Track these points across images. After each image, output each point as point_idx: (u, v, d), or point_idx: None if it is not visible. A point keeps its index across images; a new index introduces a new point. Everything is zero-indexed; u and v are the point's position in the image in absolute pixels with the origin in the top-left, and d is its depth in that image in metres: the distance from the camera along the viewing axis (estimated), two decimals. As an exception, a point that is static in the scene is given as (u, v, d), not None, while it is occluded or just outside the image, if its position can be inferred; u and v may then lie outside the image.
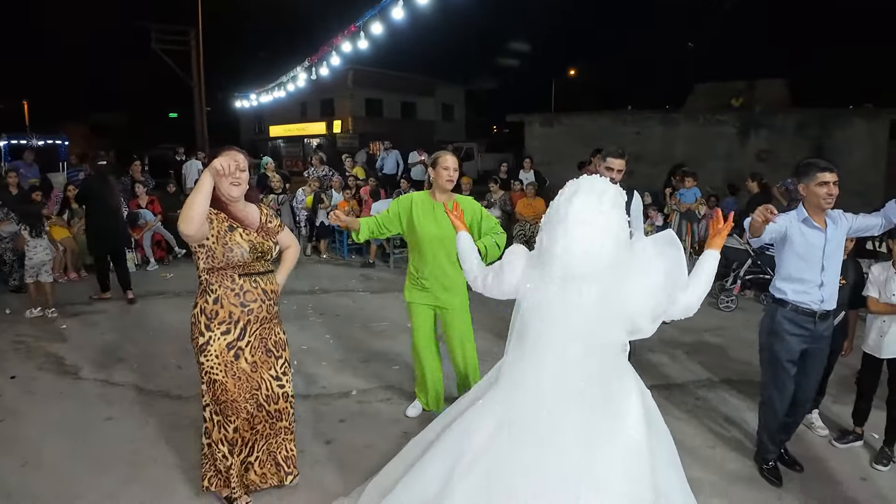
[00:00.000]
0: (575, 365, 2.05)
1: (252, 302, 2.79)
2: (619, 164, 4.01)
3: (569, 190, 2.06)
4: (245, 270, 2.78)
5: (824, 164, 3.12)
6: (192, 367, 4.67)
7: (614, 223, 1.99)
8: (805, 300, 3.18)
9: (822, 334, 3.24)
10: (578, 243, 1.95)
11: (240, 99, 21.99)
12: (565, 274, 2.01)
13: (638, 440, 2.06)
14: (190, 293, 6.91)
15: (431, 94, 36.55)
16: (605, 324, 2.03)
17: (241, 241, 2.72)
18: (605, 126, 15.96)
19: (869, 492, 3.27)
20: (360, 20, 9.51)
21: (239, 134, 38.06)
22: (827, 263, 3.15)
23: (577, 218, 1.97)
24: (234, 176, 2.63)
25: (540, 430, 2.05)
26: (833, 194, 3.07)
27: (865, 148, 13.07)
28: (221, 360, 2.75)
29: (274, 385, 2.92)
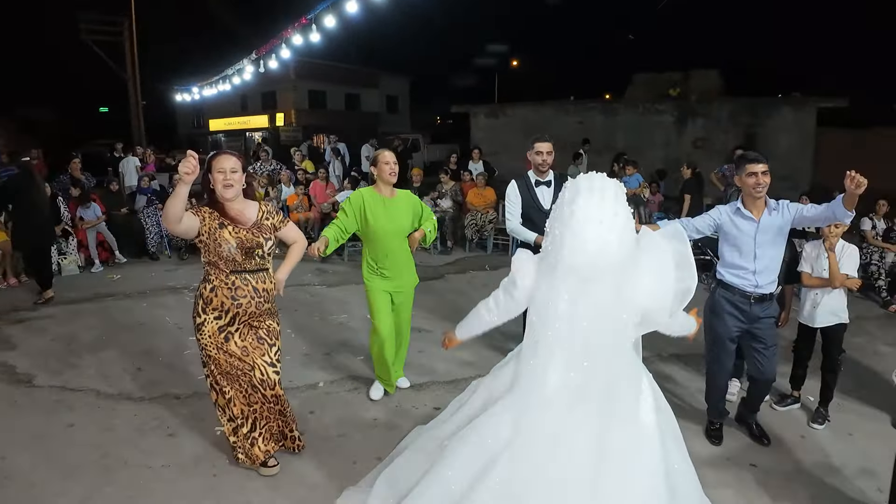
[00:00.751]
0: (590, 363, 2.10)
1: (242, 297, 2.99)
2: (546, 147, 4.20)
3: (569, 192, 2.09)
4: (235, 268, 2.96)
5: (752, 156, 3.35)
6: (152, 369, 4.65)
7: (620, 218, 2.03)
8: (740, 284, 3.40)
9: (759, 315, 3.42)
10: (586, 244, 1.99)
11: (180, 92, 21.26)
12: (576, 274, 2.03)
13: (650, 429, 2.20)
14: (140, 294, 6.80)
15: (376, 86, 36.26)
16: (619, 320, 2.08)
17: (228, 238, 2.90)
18: (548, 116, 16.31)
19: (807, 448, 3.60)
20: (313, 12, 9.39)
21: (176, 129, 36.81)
22: (760, 251, 3.32)
23: (582, 218, 2.00)
24: (225, 179, 2.88)
25: (557, 431, 2.11)
26: (762, 183, 3.27)
27: (794, 134, 13.84)
28: (213, 340, 3.03)
29: (269, 371, 3.08)
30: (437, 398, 4.16)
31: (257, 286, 3.01)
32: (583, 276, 2.02)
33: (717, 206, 3.58)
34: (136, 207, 9.05)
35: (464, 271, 7.97)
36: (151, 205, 9.00)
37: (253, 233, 2.97)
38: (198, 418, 3.84)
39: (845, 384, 4.13)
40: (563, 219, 2.06)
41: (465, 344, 5.13)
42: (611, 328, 2.09)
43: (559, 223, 2.08)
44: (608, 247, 1.99)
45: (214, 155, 2.99)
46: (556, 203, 2.16)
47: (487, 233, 9.26)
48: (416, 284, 4.13)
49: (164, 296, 6.78)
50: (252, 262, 2.99)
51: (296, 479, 3.18)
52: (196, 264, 8.28)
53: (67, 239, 7.86)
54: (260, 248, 2.98)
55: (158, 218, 8.86)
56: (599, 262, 2.00)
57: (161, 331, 5.57)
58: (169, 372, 4.60)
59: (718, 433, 3.66)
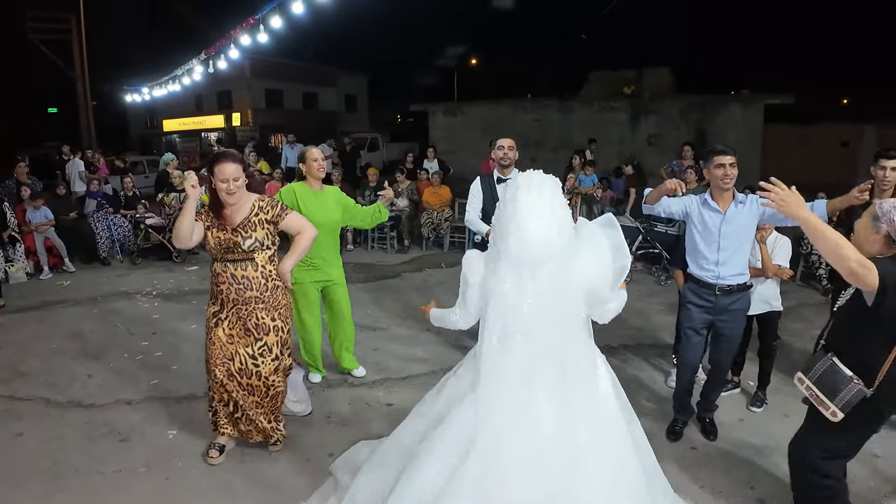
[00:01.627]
0: (545, 346, 2.24)
1: (222, 283, 3.15)
2: (508, 143, 4.37)
3: (510, 190, 2.24)
4: (219, 257, 3.17)
5: (721, 149, 3.39)
6: (102, 375, 4.59)
7: (558, 210, 2.20)
8: (703, 275, 3.46)
9: (727, 308, 3.44)
10: (529, 235, 2.14)
11: (130, 93, 20.72)
12: (521, 264, 2.18)
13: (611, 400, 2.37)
14: (91, 300, 6.67)
15: (334, 85, 35.97)
16: (564, 301, 2.25)
17: (209, 238, 3.14)
18: (505, 114, 16.50)
19: (746, 430, 3.78)
20: (260, 13, 9.31)
21: (128, 130, 35.84)
22: (724, 243, 3.38)
23: (524, 213, 2.16)
24: (228, 188, 3.03)
25: (524, 414, 2.22)
26: (729, 175, 3.33)
27: (742, 130, 14.34)
28: (208, 324, 3.25)
29: (248, 362, 3.20)
30: (392, 395, 4.22)
31: (235, 273, 3.12)
32: (528, 265, 2.18)
33: (689, 194, 3.63)
34: (86, 212, 8.83)
35: (420, 269, 8.04)
36: (102, 209, 8.79)
37: (233, 233, 3.10)
38: (150, 423, 3.82)
39: (783, 368, 4.34)
40: (506, 214, 2.22)
41: (417, 341, 5.26)
42: (560, 311, 2.25)
43: (503, 218, 2.23)
44: (549, 237, 2.15)
45: (216, 158, 3.10)
46: (500, 201, 2.30)
47: (444, 231, 9.34)
48: (344, 277, 4.34)
49: (115, 301, 6.66)
50: (234, 254, 3.13)
51: (250, 479, 3.20)
52: (148, 269, 8.17)
53: (15, 245, 7.62)
54: (238, 246, 3.10)
55: (109, 222, 8.68)
56: (542, 252, 2.16)
57: (112, 337, 5.48)
58: (120, 378, 4.54)
59: (679, 432, 3.69)
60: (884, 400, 2.28)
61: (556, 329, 2.26)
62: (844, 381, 2.27)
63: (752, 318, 4.12)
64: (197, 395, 4.20)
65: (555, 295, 2.22)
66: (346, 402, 4.11)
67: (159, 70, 17.82)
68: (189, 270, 8.08)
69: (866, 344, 2.28)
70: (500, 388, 2.25)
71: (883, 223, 2.24)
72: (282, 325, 3.27)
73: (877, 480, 3.21)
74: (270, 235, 3.20)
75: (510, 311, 2.23)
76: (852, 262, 2.09)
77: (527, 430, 2.22)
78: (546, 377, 2.26)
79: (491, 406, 2.25)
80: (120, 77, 24.52)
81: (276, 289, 3.23)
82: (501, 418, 2.23)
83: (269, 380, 3.25)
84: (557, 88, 18.81)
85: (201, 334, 5.30)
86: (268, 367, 3.23)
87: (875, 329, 2.25)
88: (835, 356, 2.36)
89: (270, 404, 3.35)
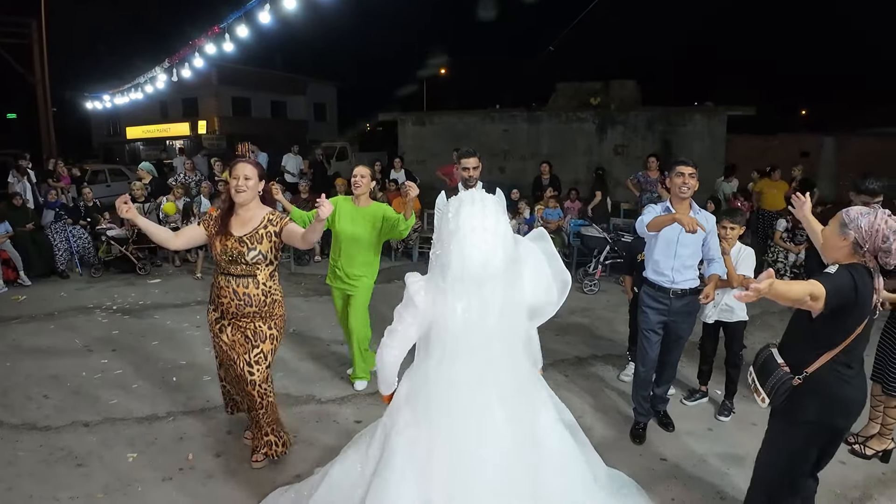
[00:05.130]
0: (488, 367, 2.18)
1: (223, 298, 3.18)
2: (472, 163, 4.32)
3: (453, 206, 2.19)
4: (222, 270, 3.18)
5: (682, 160, 3.63)
6: (59, 395, 4.42)
7: (501, 225, 2.16)
8: (659, 280, 3.67)
9: (680, 311, 3.68)
10: (473, 250, 2.08)
11: (91, 100, 20.19)
12: (465, 280, 2.10)
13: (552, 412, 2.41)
14: (48, 315, 6.43)
15: (303, 93, 35.69)
16: (510, 318, 2.20)
17: (216, 245, 3.16)
18: (474, 124, 16.57)
19: (715, 440, 3.83)
20: (225, 21, 9.17)
21: (91, 137, 34.96)
22: (681, 250, 3.60)
23: (467, 227, 2.10)
24: (237, 185, 3.09)
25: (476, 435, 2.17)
26: (688, 184, 3.54)
27: (706, 141, 14.65)
28: (211, 328, 3.33)
29: (246, 370, 3.20)
30: (359, 412, 4.15)
31: (237, 290, 3.14)
32: (472, 280, 2.10)
33: (650, 205, 3.80)
34: (44, 223, 8.55)
35: (389, 280, 7.96)
36: (60, 220, 8.52)
37: (241, 242, 3.12)
38: (107, 446, 3.67)
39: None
40: (449, 230, 2.15)
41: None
42: (505, 328, 2.19)
43: (446, 234, 2.16)
44: (493, 252, 2.10)
45: (234, 162, 3.21)
46: (443, 218, 2.24)
47: (412, 242, 9.29)
48: (368, 293, 4.40)
49: (73, 317, 6.43)
50: (238, 267, 3.14)
51: (212, 501, 3.10)
52: (109, 282, 7.93)
53: (-33, 259, 7.33)
54: (242, 256, 3.09)
55: (68, 234, 8.40)
56: (486, 267, 2.10)
57: (70, 354, 5.28)
58: (77, 398, 4.37)
59: (641, 434, 3.81)
60: (809, 392, 2.37)
61: (502, 346, 2.20)
62: (774, 367, 2.43)
63: (718, 328, 4.19)
64: (158, 415, 4.07)
65: (502, 312, 2.16)
66: (314, 419, 4.03)
67: (122, 78, 17.40)
68: (152, 283, 7.86)
69: (805, 345, 2.40)
70: (450, 407, 2.18)
71: (850, 230, 2.30)
72: (276, 334, 3.31)
73: (843, 486, 3.27)
74: (274, 249, 3.21)
75: (455, 330, 2.15)
76: (805, 297, 2.19)
77: (483, 447, 2.17)
78: (495, 394, 2.22)
79: (440, 426, 2.18)
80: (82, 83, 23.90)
81: (274, 303, 3.26)
82: (455, 438, 2.17)
83: (261, 388, 3.26)
84: (526, 99, 18.98)
85: (163, 351, 5.23)
86: (261, 375, 3.25)
87: (815, 336, 2.37)
88: (774, 348, 2.52)
89: (266, 417, 3.32)
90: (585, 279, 7.45)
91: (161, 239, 3.27)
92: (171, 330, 5.93)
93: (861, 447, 3.63)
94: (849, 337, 2.32)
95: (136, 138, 34.05)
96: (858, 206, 3.17)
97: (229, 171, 3.23)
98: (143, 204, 8.73)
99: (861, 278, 2.25)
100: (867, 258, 2.30)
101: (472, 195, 2.22)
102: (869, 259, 2.30)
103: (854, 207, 2.38)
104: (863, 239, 2.27)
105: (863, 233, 2.27)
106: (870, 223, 2.26)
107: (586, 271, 7.61)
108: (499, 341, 2.19)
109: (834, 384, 2.36)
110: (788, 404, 2.39)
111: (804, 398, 2.37)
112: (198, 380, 4.67)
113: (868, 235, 2.26)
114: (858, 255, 2.31)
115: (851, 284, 2.23)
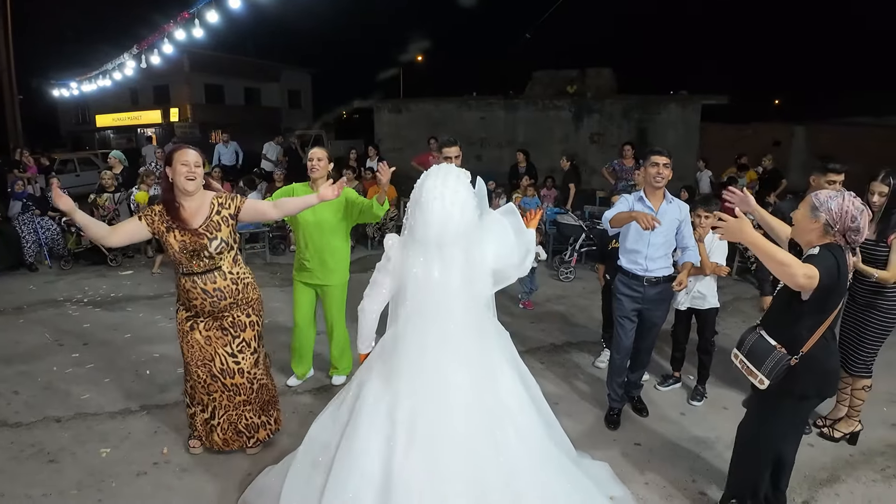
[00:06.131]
0: (453, 326, 2.36)
1: (194, 300, 3.09)
2: (454, 152, 4.34)
3: (421, 179, 2.41)
4: (184, 270, 3.06)
5: (657, 150, 3.69)
6: (29, 391, 4.34)
7: (460, 195, 2.35)
8: (634, 268, 3.72)
9: (654, 298, 3.73)
10: (433, 215, 2.30)
11: (59, 87, 19.65)
12: (428, 243, 2.32)
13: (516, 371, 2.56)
14: (16, 310, 6.28)
15: (277, 80, 35.18)
16: (472, 281, 2.40)
17: (172, 242, 3.00)
18: (450, 112, 16.48)
19: (687, 424, 3.90)
20: (195, 7, 8.96)
21: (58, 125, 34.08)
22: (653, 238, 3.64)
23: (428, 196, 2.32)
24: (189, 172, 2.95)
25: (440, 390, 2.33)
26: (662, 174, 3.60)
27: (680, 129, 14.77)
28: (180, 328, 3.19)
29: (229, 360, 3.15)
30: (339, 401, 4.13)
31: (206, 287, 3.05)
32: (434, 245, 2.33)
33: (623, 195, 3.88)
34: (10, 214, 8.33)
35: (366, 270, 7.87)
36: (27, 210, 8.30)
37: (198, 234, 2.99)
38: (80, 441, 3.61)
39: (722, 362, 4.48)
40: (415, 199, 2.39)
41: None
42: (469, 291, 2.40)
43: (412, 203, 2.40)
44: (451, 218, 2.31)
45: (176, 148, 3.03)
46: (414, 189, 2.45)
47: (389, 230, 9.25)
48: (345, 284, 4.25)
49: (43, 310, 6.29)
50: (199, 263, 3.02)
51: (187, 499, 3.07)
52: (79, 274, 7.77)
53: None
54: (205, 249, 2.99)
55: (36, 225, 8.20)
56: (445, 232, 2.32)
57: (39, 349, 5.17)
58: (48, 393, 4.29)
59: (616, 419, 3.87)
60: (804, 369, 2.49)
61: (465, 308, 2.40)
62: (769, 349, 2.53)
63: (691, 315, 4.26)
64: (132, 409, 4.02)
65: (464, 275, 2.37)
66: (290, 411, 4.00)
67: (90, 65, 16.96)
68: (123, 275, 7.72)
69: (796, 325, 2.49)
70: (416, 363, 2.36)
71: (822, 212, 2.44)
72: (256, 320, 3.28)
73: (811, 468, 3.36)
74: (233, 233, 3.13)
75: (417, 288, 2.36)
76: (800, 277, 2.30)
77: (447, 400, 2.33)
78: (460, 353, 2.39)
79: (411, 385, 2.36)
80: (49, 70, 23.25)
81: (247, 287, 3.21)
82: (421, 392, 2.34)
83: (251, 374, 3.26)
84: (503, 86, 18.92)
85: (136, 344, 5.16)
86: (248, 361, 3.24)
87: (805, 315, 2.47)
88: (763, 330, 2.61)
89: (259, 399, 3.34)
90: (561, 267, 7.51)
91: (96, 235, 3.06)
92: (143, 322, 5.84)
93: (829, 430, 3.72)
94: (833, 312, 2.49)
95: (105, 126, 33.25)
96: (824, 188, 3.28)
97: (170, 159, 3.00)
98: (114, 194, 8.55)
99: (840, 257, 2.39)
100: (837, 237, 2.44)
101: (438, 169, 2.42)
102: (839, 238, 2.44)
103: (823, 191, 2.51)
104: (833, 220, 2.41)
105: (833, 214, 2.41)
106: (839, 205, 2.40)
107: (562, 259, 7.67)
108: (462, 302, 2.38)
109: (825, 359, 2.53)
110: (785, 382, 2.50)
111: (800, 374, 2.49)
112: (171, 373, 4.61)
113: (838, 216, 2.40)
114: (829, 236, 2.45)
115: (835, 263, 2.37)
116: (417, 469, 2.24)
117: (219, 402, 3.26)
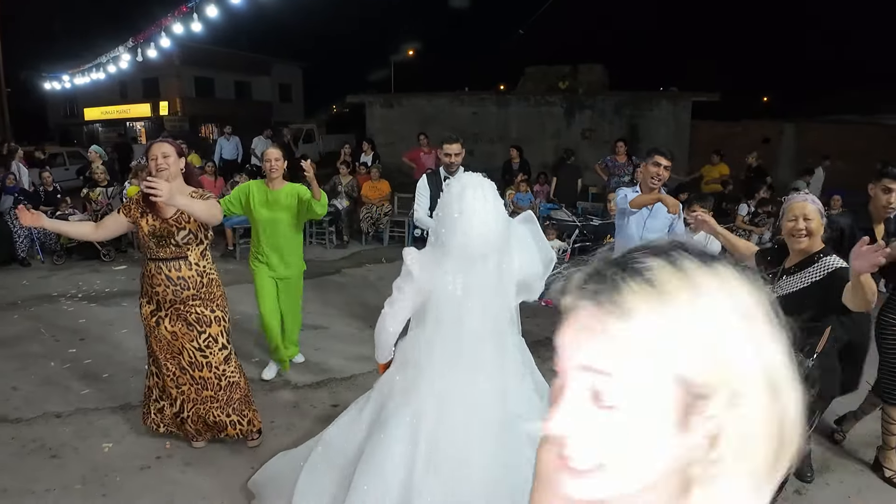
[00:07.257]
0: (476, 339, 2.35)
1: (157, 285, 3.15)
2: (455, 149, 4.35)
3: (456, 188, 2.35)
4: (151, 255, 3.15)
5: (661, 150, 3.71)
6: (28, 386, 4.34)
7: (499, 208, 2.36)
8: None
9: None
10: (476, 229, 2.26)
11: (49, 80, 19.44)
12: (466, 257, 2.29)
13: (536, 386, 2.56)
14: (11, 305, 6.26)
15: (268, 73, 34.98)
16: (502, 293, 2.41)
17: (143, 226, 3.12)
18: (443, 107, 16.50)
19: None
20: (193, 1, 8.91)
21: (47, 118, 33.72)
22: (648, 235, 3.68)
23: (470, 210, 2.27)
24: (157, 164, 3.03)
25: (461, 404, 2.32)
26: (661, 175, 3.64)
27: (671, 126, 14.88)
28: (146, 323, 3.26)
29: (197, 355, 3.21)
30: (335, 395, 4.19)
31: (170, 274, 3.13)
32: (471, 257, 2.29)
33: (623, 188, 3.93)
34: (2, 209, 8.28)
35: (360, 265, 7.97)
36: (19, 205, 8.24)
37: (169, 223, 3.10)
38: (81, 437, 3.64)
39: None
40: (452, 211, 2.31)
41: (360, 339, 5.23)
42: (497, 301, 2.40)
43: (450, 213, 2.32)
44: (490, 231, 2.29)
45: (152, 142, 3.19)
46: (444, 198, 2.38)
47: (383, 225, 9.29)
48: (300, 275, 4.41)
49: (37, 305, 6.28)
50: (166, 250, 3.12)
51: (190, 492, 3.11)
52: (72, 269, 7.75)
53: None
54: (172, 237, 3.08)
55: (28, 219, 8.14)
56: (485, 245, 2.29)
57: (37, 344, 5.17)
58: (48, 388, 4.30)
59: None
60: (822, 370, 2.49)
61: (494, 320, 2.39)
62: None
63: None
64: (132, 403, 4.04)
65: (496, 289, 2.36)
66: (290, 405, 4.05)
67: (81, 57, 16.81)
68: (117, 270, 7.71)
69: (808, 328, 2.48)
70: (439, 375, 2.34)
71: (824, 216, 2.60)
72: (221, 315, 3.32)
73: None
74: (203, 228, 3.20)
75: (450, 301, 2.32)
76: (870, 296, 2.22)
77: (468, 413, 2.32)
78: (488, 369, 2.37)
79: (436, 402, 2.33)
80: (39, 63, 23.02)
81: (211, 282, 3.28)
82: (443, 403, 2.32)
83: (219, 369, 3.29)
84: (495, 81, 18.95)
85: (132, 339, 5.16)
86: (217, 357, 3.27)
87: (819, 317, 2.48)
88: None
89: (225, 396, 3.33)
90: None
91: (80, 235, 3.32)
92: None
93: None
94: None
95: (94, 120, 32.94)
96: (878, 192, 3.16)
97: (145, 155, 3.18)
98: (107, 188, 8.52)
99: None
100: None
101: (472, 179, 2.39)
102: None
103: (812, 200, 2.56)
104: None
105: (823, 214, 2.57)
106: None
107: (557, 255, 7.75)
108: (489, 315, 2.37)
109: (832, 355, 2.62)
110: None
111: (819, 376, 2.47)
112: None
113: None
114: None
115: None
116: (437, 491, 2.24)
117: (187, 395, 3.32)
